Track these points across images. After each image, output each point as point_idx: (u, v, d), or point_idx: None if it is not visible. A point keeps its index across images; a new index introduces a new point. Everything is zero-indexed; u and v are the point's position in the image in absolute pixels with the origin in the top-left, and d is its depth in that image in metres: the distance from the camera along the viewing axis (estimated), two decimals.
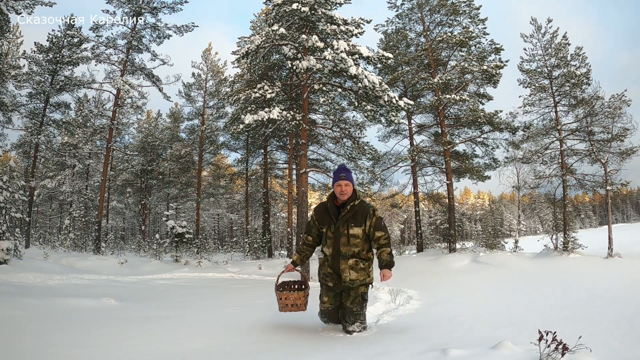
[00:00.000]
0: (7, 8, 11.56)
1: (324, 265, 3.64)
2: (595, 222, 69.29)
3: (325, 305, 3.67)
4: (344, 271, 3.50)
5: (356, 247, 3.51)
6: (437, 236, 27.23)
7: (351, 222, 3.50)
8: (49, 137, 19.66)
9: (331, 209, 3.58)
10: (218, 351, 2.91)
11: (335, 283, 3.58)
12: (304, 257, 3.80)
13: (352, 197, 3.54)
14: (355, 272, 3.50)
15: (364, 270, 3.54)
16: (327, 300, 3.66)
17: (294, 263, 3.79)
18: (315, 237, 3.75)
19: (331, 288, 3.62)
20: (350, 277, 3.49)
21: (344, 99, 14.37)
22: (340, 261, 3.51)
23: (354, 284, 3.50)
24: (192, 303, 6.08)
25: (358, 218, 3.51)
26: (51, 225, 32.14)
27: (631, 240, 19.01)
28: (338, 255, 3.51)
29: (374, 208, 3.61)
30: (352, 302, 3.52)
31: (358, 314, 3.54)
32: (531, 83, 13.83)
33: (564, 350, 2.28)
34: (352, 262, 3.49)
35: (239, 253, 24.59)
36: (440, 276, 9.84)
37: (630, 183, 13.15)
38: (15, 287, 6.31)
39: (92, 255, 15.04)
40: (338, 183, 3.54)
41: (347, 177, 3.56)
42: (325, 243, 3.62)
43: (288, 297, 3.58)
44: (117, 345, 3.06)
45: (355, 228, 3.49)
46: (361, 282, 3.53)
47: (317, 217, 3.68)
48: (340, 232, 3.50)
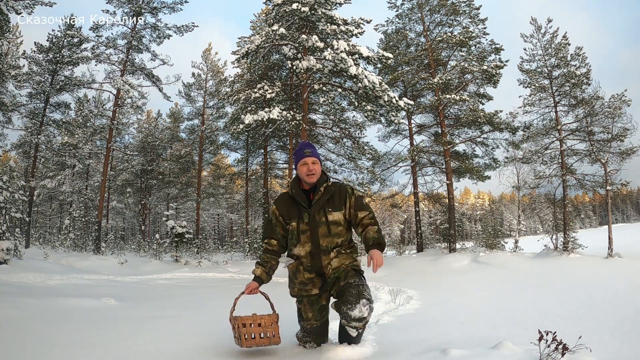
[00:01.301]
0: (7, 8, 11.57)
1: (299, 271, 2.78)
2: (595, 222, 69.30)
3: (310, 323, 2.83)
4: (326, 267, 2.72)
5: (339, 236, 2.75)
6: (437, 236, 27.22)
7: (328, 207, 2.75)
8: (49, 137, 19.67)
9: (298, 195, 2.79)
10: (218, 351, 2.91)
11: (320, 287, 2.76)
12: (270, 269, 2.87)
13: (323, 179, 2.82)
14: (338, 259, 2.73)
15: (347, 254, 2.77)
16: (311, 317, 2.82)
17: (256, 279, 2.82)
18: (281, 238, 2.88)
19: (315, 299, 2.79)
20: (333, 265, 2.71)
21: (344, 99, 14.38)
22: (321, 258, 2.72)
23: (339, 270, 2.70)
24: (192, 303, 6.08)
25: (336, 200, 2.77)
26: (51, 225, 32.15)
27: (631, 240, 19.01)
28: (318, 251, 2.72)
29: (351, 187, 2.88)
30: (345, 278, 2.64)
31: (360, 284, 2.57)
32: (531, 83, 13.84)
33: (564, 350, 2.28)
34: (334, 255, 2.74)
35: (239, 253, 24.58)
36: (440, 276, 9.85)
37: (630, 183, 13.18)
38: (15, 287, 6.31)
39: (92, 255, 15.05)
40: (303, 161, 2.78)
41: (313, 154, 2.80)
42: (296, 241, 2.77)
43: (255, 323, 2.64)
44: (117, 345, 3.06)
45: (334, 213, 2.74)
46: (349, 266, 2.72)
47: (282, 210, 2.84)
48: (317, 220, 2.72)
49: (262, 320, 2.67)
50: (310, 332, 2.87)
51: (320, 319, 2.85)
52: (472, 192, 69.73)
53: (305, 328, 2.88)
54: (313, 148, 2.86)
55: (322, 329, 2.90)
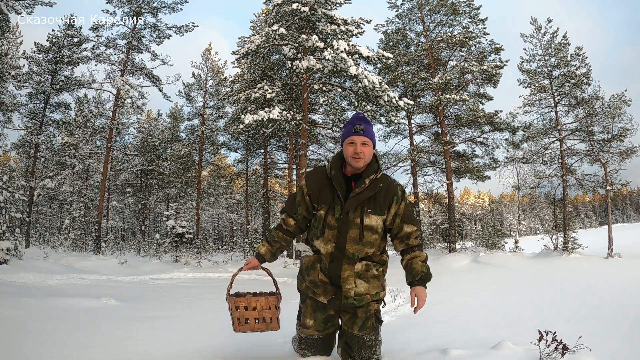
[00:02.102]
0: (7, 8, 11.58)
1: (314, 269, 2.27)
2: (595, 222, 69.30)
3: (308, 332, 2.33)
4: (347, 281, 2.19)
5: (371, 246, 2.22)
6: (437, 236, 27.21)
7: (368, 206, 2.19)
8: (49, 137, 19.69)
9: (336, 180, 2.20)
10: (219, 351, 2.91)
11: (330, 299, 2.25)
12: (277, 249, 2.37)
13: (373, 167, 2.23)
14: (365, 283, 2.21)
15: (377, 279, 2.25)
16: (312, 325, 2.32)
17: (258, 257, 2.35)
18: (301, 220, 2.34)
19: (322, 306, 2.29)
20: (357, 291, 2.19)
21: (344, 99, 14.38)
22: (343, 266, 2.20)
23: (362, 300, 2.20)
24: (192, 303, 6.08)
25: (379, 201, 2.20)
26: (51, 225, 32.18)
27: (631, 240, 19.01)
28: (341, 256, 2.20)
29: (402, 188, 2.30)
30: (361, 328, 2.22)
31: (373, 345, 2.24)
32: (531, 83, 13.84)
33: (564, 350, 2.28)
34: (360, 268, 2.21)
35: (239, 253, 24.59)
36: (440, 276, 9.83)
37: (630, 183, 13.19)
38: (15, 287, 6.31)
39: (92, 255, 15.06)
40: (351, 139, 2.18)
41: (365, 132, 2.19)
42: (320, 234, 2.23)
43: (250, 306, 2.27)
44: (117, 345, 3.06)
45: (373, 216, 2.18)
46: (373, 298, 2.24)
47: (312, 189, 2.26)
48: (350, 220, 2.17)
49: (258, 303, 2.27)
50: (307, 344, 2.36)
51: (323, 330, 2.32)
52: (472, 192, 69.81)
53: (301, 337, 2.37)
54: (368, 124, 2.24)
55: (324, 344, 2.36)
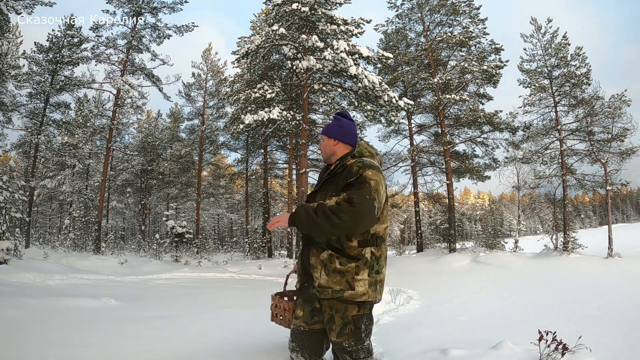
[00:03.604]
0: (7, 8, 11.57)
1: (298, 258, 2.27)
2: (595, 222, 69.27)
3: (297, 323, 2.25)
4: (315, 269, 2.07)
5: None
6: (437, 236, 27.22)
7: (331, 190, 2.12)
8: (49, 137, 19.67)
9: (322, 171, 2.36)
10: (219, 351, 2.91)
11: (302, 285, 2.18)
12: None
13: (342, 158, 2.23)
14: (326, 275, 2.04)
15: (339, 274, 2.01)
16: (301, 316, 2.23)
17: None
18: None
19: (307, 297, 2.21)
20: (320, 282, 2.05)
21: (344, 99, 14.38)
22: (311, 251, 2.11)
23: (323, 293, 2.04)
24: (192, 303, 6.08)
25: (339, 182, 2.10)
26: (51, 225, 32.17)
27: (631, 240, 19.01)
28: (309, 241, 2.14)
29: (367, 165, 2.08)
30: (339, 335, 2.08)
31: (354, 350, 2.09)
32: (531, 83, 13.84)
33: (564, 350, 2.28)
34: (325, 257, 2.05)
35: (239, 253, 24.59)
36: (440, 276, 9.85)
37: (630, 183, 13.20)
38: (15, 287, 6.31)
39: (92, 255, 15.05)
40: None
41: (324, 129, 2.31)
42: None
43: (279, 304, 2.52)
44: (117, 345, 3.06)
45: (334, 198, 2.02)
46: (334, 295, 2.02)
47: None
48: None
49: (282, 304, 2.51)
50: (294, 335, 2.26)
51: (309, 322, 2.20)
52: (472, 192, 69.77)
53: (292, 329, 2.30)
54: (334, 120, 2.33)
55: (311, 339, 2.22)
